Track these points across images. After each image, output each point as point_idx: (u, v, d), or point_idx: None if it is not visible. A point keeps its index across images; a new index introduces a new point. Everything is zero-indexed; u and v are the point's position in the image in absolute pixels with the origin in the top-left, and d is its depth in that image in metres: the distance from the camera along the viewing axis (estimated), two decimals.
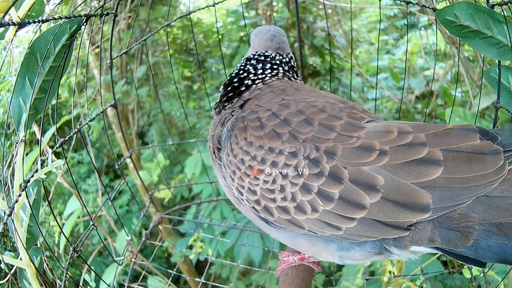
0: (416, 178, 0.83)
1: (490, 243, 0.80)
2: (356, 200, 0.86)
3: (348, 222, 0.88)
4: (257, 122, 1.03)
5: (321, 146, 0.92)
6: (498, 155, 0.82)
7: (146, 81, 3.87)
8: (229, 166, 1.07)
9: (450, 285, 2.21)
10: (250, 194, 1.03)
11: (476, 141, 0.84)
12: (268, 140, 0.98)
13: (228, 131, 1.08)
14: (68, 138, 1.10)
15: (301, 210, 0.93)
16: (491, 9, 1.02)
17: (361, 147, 0.90)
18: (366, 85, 4.35)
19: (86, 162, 4.21)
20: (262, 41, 1.33)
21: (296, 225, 0.96)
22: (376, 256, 0.98)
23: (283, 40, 1.33)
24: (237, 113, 1.12)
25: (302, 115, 1.00)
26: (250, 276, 2.94)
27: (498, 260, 0.80)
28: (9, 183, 0.94)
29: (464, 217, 0.83)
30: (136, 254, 1.54)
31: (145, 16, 3.32)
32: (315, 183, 0.91)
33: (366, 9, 5.45)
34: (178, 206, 1.84)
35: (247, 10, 3.94)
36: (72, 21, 1.01)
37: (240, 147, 1.03)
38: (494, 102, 1.12)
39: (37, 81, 0.96)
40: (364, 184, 0.86)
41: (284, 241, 1.12)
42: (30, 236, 0.95)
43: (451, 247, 0.84)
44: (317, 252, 1.05)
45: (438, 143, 0.86)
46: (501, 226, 0.80)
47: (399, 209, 0.84)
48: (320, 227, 0.93)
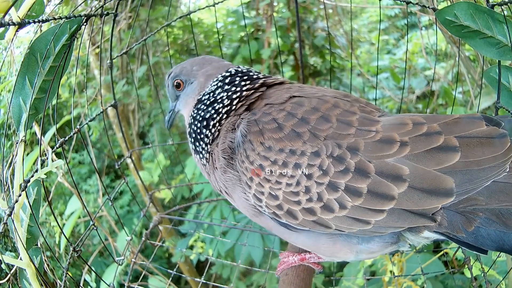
0: (438, 165, 0.87)
1: (489, 231, 0.85)
2: (384, 192, 0.88)
3: (378, 215, 0.90)
4: (273, 124, 0.99)
5: (343, 143, 0.93)
6: (505, 138, 0.88)
7: (147, 81, 3.88)
8: (244, 173, 1.02)
9: (451, 285, 2.20)
10: (271, 200, 0.99)
11: (483, 127, 0.90)
12: (289, 142, 0.96)
13: (242, 136, 1.03)
14: (68, 138, 1.10)
15: (329, 209, 0.93)
16: (491, 9, 1.02)
17: (382, 140, 0.92)
18: (366, 85, 4.35)
19: (87, 162, 4.22)
20: (216, 63, 1.22)
21: (322, 225, 0.96)
22: (391, 246, 1.00)
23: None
24: (247, 116, 1.06)
25: (318, 112, 0.99)
26: (250, 276, 2.94)
27: (495, 248, 0.85)
28: (9, 183, 0.94)
29: (471, 199, 0.87)
30: (137, 254, 1.54)
31: (146, 16, 3.32)
32: (341, 180, 0.91)
33: (367, 9, 5.44)
34: (178, 206, 1.84)
35: (248, 10, 3.94)
36: (72, 21, 1.01)
37: (257, 152, 0.99)
38: (495, 102, 1.12)
39: (37, 81, 0.96)
40: (390, 175, 0.89)
41: (304, 244, 1.10)
42: (30, 236, 0.95)
43: (454, 231, 0.87)
44: (336, 250, 1.04)
45: (451, 131, 0.91)
46: (500, 215, 0.85)
47: (425, 196, 0.87)
48: (349, 224, 0.93)
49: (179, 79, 1.23)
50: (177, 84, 1.24)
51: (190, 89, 1.22)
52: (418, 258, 1.61)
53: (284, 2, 3.82)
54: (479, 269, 1.22)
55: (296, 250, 1.28)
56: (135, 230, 2.77)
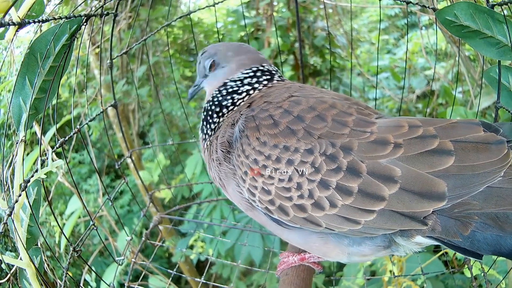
0: (431, 168, 0.87)
1: (486, 235, 0.83)
2: (375, 192, 0.88)
3: (368, 215, 0.89)
4: (269, 120, 1.01)
5: (337, 142, 0.93)
6: (502, 144, 0.87)
7: (147, 81, 3.87)
8: (240, 167, 1.04)
9: (451, 285, 2.20)
10: (264, 194, 1.01)
11: (480, 132, 0.89)
12: (283, 138, 0.97)
13: (240, 131, 1.06)
14: (68, 138, 1.10)
15: (319, 206, 0.93)
16: (491, 9, 1.02)
17: (376, 141, 0.92)
18: (367, 85, 4.35)
19: (87, 162, 4.22)
20: (252, 55, 1.26)
21: (313, 222, 0.96)
22: (384, 250, 0.99)
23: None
24: (246, 112, 1.09)
25: (314, 111, 1.00)
26: (251, 276, 2.94)
27: (492, 252, 0.84)
28: (9, 183, 0.94)
29: (465, 204, 0.86)
30: (137, 254, 1.54)
31: (146, 16, 3.32)
32: (333, 179, 0.91)
33: (367, 9, 5.44)
34: (178, 206, 1.84)
35: (248, 10, 3.94)
36: (72, 21, 1.01)
37: (252, 147, 1.01)
38: (495, 102, 1.12)
39: (37, 81, 0.96)
40: (382, 176, 0.88)
41: (295, 241, 1.11)
42: (30, 236, 0.95)
43: (449, 237, 0.86)
44: (328, 250, 1.05)
45: (447, 135, 0.90)
46: (497, 219, 0.83)
47: (417, 198, 0.86)
48: (338, 223, 0.93)
49: (213, 60, 1.26)
50: (210, 64, 1.27)
51: (220, 72, 1.25)
52: (418, 258, 1.61)
53: (284, 2, 3.82)
54: (479, 269, 1.22)
55: (296, 250, 1.28)
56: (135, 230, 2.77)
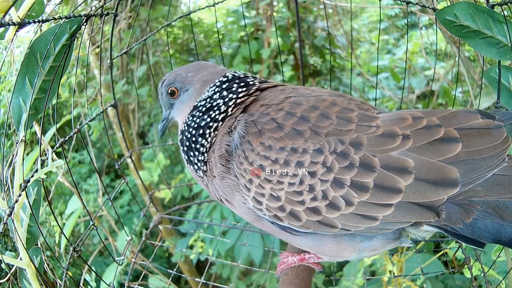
0: (441, 156, 0.88)
1: (487, 223, 0.86)
2: (391, 185, 0.88)
3: (385, 210, 0.89)
4: (273, 124, 0.98)
5: (345, 139, 0.93)
6: (501, 129, 0.90)
7: (147, 81, 3.88)
8: (243, 175, 1.00)
9: (450, 285, 2.20)
10: (272, 201, 0.97)
11: (479, 120, 0.92)
12: (290, 140, 0.95)
13: (240, 137, 1.01)
14: (68, 138, 1.10)
15: (334, 207, 0.92)
16: (491, 9, 1.02)
17: (384, 134, 0.92)
18: (366, 85, 4.35)
19: (87, 162, 4.22)
20: (212, 69, 1.19)
21: (327, 225, 0.94)
22: (393, 242, 1.00)
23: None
24: (244, 117, 1.04)
25: (317, 110, 0.99)
26: (250, 276, 2.94)
27: (493, 240, 0.86)
28: (9, 183, 0.94)
29: (470, 191, 0.88)
30: (137, 254, 1.54)
31: (146, 16, 3.32)
32: (347, 176, 0.90)
33: (367, 9, 5.44)
34: (178, 206, 1.84)
35: (248, 10, 3.94)
36: (72, 21, 1.01)
37: (256, 153, 0.97)
38: (495, 102, 1.12)
39: (37, 81, 0.96)
40: (396, 168, 0.89)
41: (309, 246, 1.09)
42: (30, 236, 0.96)
43: (452, 224, 0.88)
44: (341, 250, 1.03)
45: (450, 123, 0.92)
46: (497, 208, 0.86)
47: (431, 187, 0.87)
48: (355, 222, 0.92)
49: (174, 86, 1.19)
50: (172, 91, 1.20)
51: (185, 96, 1.18)
52: (418, 258, 1.61)
53: (284, 2, 3.82)
54: (479, 269, 1.22)
55: (295, 251, 1.28)
56: (135, 230, 2.77)
